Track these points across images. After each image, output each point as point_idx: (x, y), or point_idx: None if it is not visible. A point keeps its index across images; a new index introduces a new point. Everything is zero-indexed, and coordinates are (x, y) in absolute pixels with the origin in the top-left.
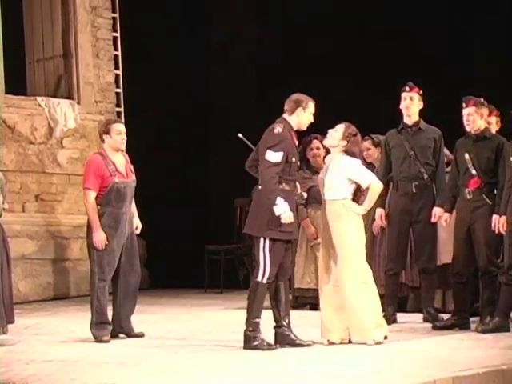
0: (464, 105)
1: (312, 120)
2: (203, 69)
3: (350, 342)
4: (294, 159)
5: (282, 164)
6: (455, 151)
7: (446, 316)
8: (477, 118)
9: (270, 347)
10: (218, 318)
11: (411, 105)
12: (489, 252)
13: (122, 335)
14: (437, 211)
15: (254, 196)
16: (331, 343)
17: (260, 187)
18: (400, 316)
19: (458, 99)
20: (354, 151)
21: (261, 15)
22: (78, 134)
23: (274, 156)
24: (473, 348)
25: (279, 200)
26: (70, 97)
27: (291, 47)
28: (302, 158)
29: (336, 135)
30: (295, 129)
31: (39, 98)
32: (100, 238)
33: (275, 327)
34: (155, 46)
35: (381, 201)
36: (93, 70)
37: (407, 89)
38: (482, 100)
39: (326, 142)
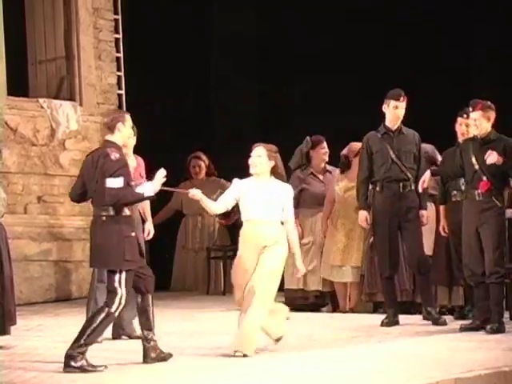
0: (471, 109)
1: (132, 132)
2: (204, 69)
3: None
4: (133, 183)
5: (125, 189)
6: (458, 153)
7: (446, 316)
8: (483, 122)
9: (93, 368)
10: (220, 320)
11: (401, 114)
12: (496, 253)
13: (124, 337)
14: (424, 213)
15: (100, 227)
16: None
17: (104, 218)
18: (400, 317)
19: (457, 99)
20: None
21: (261, 14)
22: (80, 135)
23: (114, 182)
24: (474, 349)
25: (139, 188)
26: (72, 98)
27: (292, 45)
28: (306, 156)
29: (262, 160)
30: (121, 145)
31: (41, 100)
32: None
33: None
34: (157, 48)
35: (364, 203)
36: (95, 72)
37: (401, 99)
38: (488, 103)
39: (254, 171)
